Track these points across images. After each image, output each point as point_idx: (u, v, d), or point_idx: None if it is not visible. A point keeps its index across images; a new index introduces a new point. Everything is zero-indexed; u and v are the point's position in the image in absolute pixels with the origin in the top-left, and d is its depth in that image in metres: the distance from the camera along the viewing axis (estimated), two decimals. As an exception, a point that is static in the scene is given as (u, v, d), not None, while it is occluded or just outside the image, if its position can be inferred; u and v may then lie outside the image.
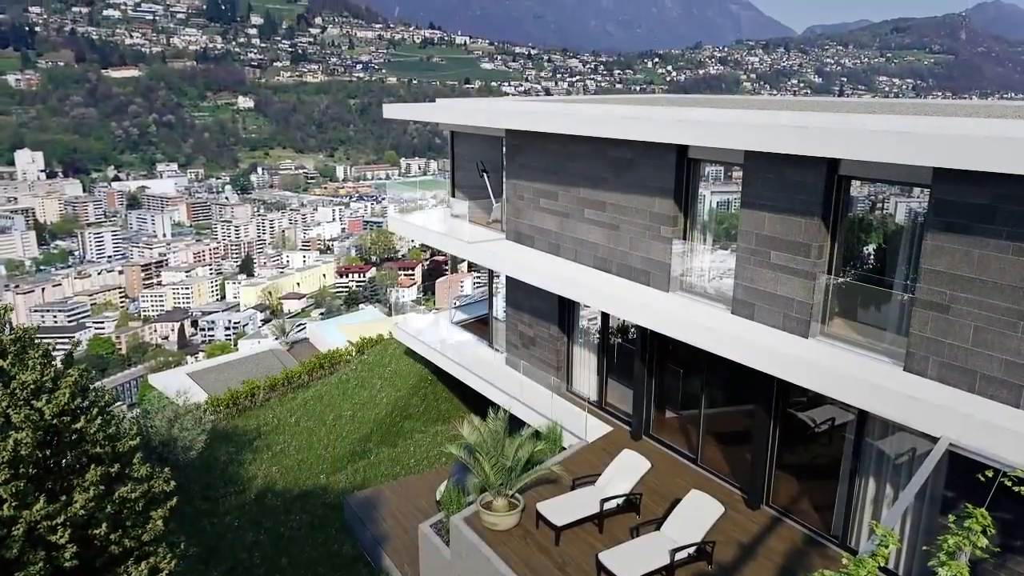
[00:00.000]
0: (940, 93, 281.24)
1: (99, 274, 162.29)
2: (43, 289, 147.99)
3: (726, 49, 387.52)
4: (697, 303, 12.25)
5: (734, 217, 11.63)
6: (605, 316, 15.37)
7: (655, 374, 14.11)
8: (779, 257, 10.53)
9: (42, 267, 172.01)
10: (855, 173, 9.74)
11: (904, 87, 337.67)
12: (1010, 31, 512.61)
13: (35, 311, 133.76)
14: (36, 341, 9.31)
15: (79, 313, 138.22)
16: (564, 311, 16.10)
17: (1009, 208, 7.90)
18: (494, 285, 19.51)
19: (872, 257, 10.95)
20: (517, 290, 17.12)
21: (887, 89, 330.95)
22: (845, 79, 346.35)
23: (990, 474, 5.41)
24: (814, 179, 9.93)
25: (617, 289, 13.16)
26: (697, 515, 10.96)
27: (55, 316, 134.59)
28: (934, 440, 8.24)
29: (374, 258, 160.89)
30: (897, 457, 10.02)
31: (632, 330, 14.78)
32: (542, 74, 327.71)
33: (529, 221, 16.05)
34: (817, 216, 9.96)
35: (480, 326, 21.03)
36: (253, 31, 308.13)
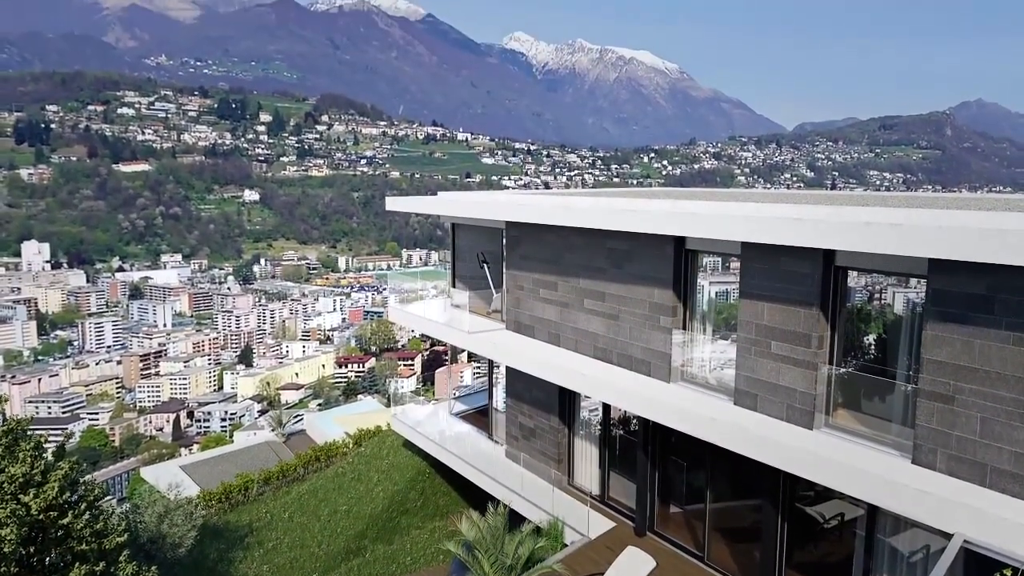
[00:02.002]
0: (930, 186, 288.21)
1: (97, 364, 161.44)
2: (39, 379, 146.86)
3: (720, 145, 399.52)
4: (699, 393, 12.14)
5: (733, 307, 11.68)
6: (606, 407, 15.19)
7: (658, 467, 13.81)
8: (780, 347, 10.51)
9: (40, 357, 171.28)
10: (851, 264, 9.85)
11: (895, 180, 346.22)
12: (993, 128, 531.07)
13: (30, 402, 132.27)
14: (28, 433, 9.16)
15: (74, 404, 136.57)
16: (565, 402, 15.92)
17: (1006, 298, 7.94)
18: (494, 375, 19.37)
19: (873, 347, 10.92)
20: (517, 380, 16.99)
21: (878, 183, 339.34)
22: (836, 173, 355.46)
23: (1009, 573, 5.21)
24: (811, 270, 10.03)
25: (618, 379, 13.06)
26: (706, 617, 10.48)
27: (49, 407, 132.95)
28: (948, 536, 7.98)
29: (374, 348, 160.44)
30: (911, 554, 9.68)
31: (634, 421, 14.57)
32: (541, 168, 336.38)
33: (529, 311, 16.11)
34: (815, 306, 10.01)
35: (480, 417, 20.74)
36: (262, 128, 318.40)
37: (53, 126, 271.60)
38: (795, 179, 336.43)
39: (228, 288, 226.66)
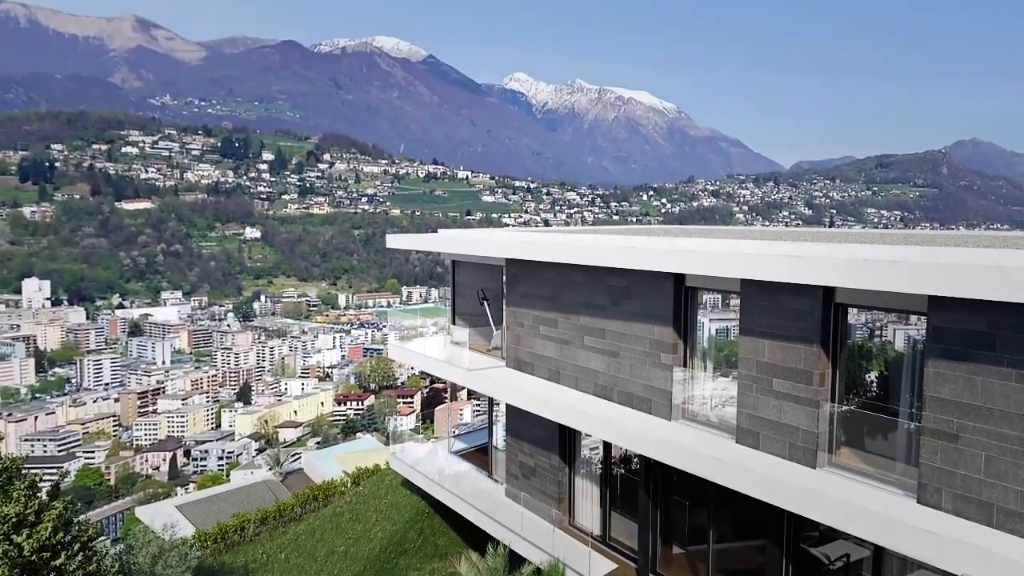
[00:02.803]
0: (927, 224, 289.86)
1: (94, 402, 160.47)
2: (36, 417, 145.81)
3: (718, 183, 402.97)
4: (700, 431, 12.03)
5: (734, 344, 11.65)
6: (607, 445, 15.05)
7: (660, 506, 13.62)
8: (781, 384, 10.45)
9: (38, 395, 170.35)
10: (851, 301, 9.85)
11: (892, 218, 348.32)
12: (988, 167, 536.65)
13: (26, 440, 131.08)
14: (23, 472, 9.07)
15: (70, 442, 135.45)
16: (565, 440, 15.78)
17: (1006, 335, 7.92)
18: (494, 413, 19.24)
19: (875, 384, 10.87)
20: (517, 418, 16.86)
21: (876, 220, 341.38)
22: (834, 211, 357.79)
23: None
24: (811, 307, 10.02)
25: (618, 417, 12.96)
26: (710, 663, 10.24)
27: (45, 445, 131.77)
28: (956, 578, 7.84)
29: (373, 385, 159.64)
30: (918, 597, 9.49)
31: (635, 460, 14.42)
32: (541, 206, 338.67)
33: (529, 348, 16.06)
34: (816, 343, 9.98)
35: (480, 456, 20.53)
36: (264, 166, 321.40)
37: (57, 164, 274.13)
38: (793, 217, 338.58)
39: (228, 325, 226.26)
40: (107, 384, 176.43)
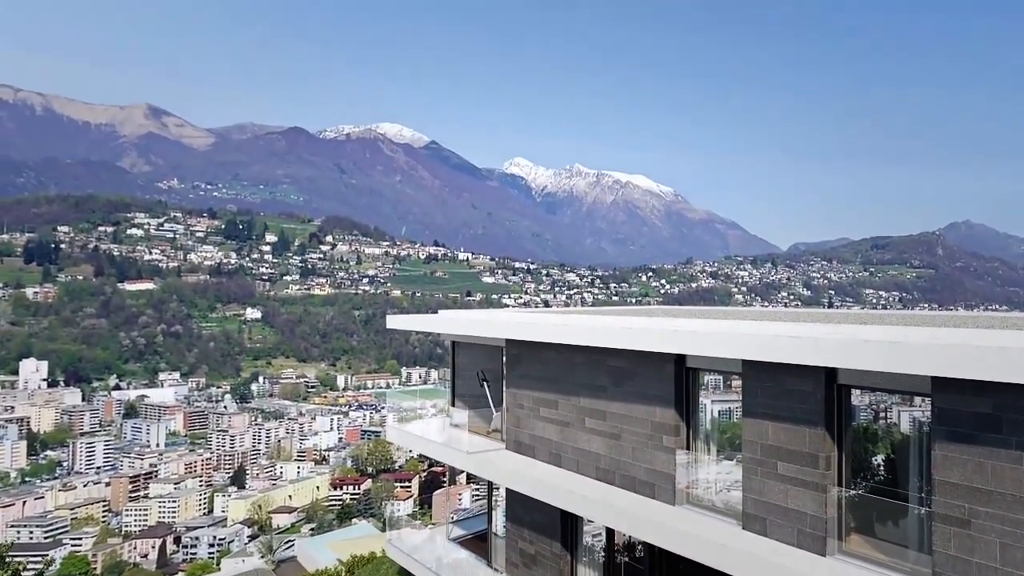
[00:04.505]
0: (926, 305, 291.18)
1: (84, 486, 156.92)
2: (24, 502, 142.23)
3: (716, 264, 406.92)
4: (705, 517, 11.71)
5: (736, 426, 11.49)
6: (610, 532, 14.63)
7: (666, 597, 13.12)
8: (786, 468, 10.24)
9: (28, 479, 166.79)
10: (854, 382, 9.77)
11: (890, 299, 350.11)
12: (982, 248, 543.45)
13: (12, 526, 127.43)
14: (7, 560, 8.78)
15: (57, 528, 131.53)
16: (567, 526, 15.34)
17: (1013, 417, 7.82)
18: (494, 498, 18.79)
19: (883, 468, 10.65)
20: (517, 503, 16.45)
21: (874, 301, 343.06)
22: (832, 292, 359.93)
23: None
24: (813, 388, 9.93)
25: (621, 502, 12.64)
26: None
27: (31, 532, 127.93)
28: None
29: (370, 469, 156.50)
30: None
31: (639, 547, 13.98)
32: (541, 287, 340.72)
33: (529, 430, 15.83)
34: (820, 425, 9.84)
35: (479, 543, 19.92)
36: (267, 248, 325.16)
37: (62, 246, 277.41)
38: (792, 297, 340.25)
39: (225, 407, 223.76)
40: (99, 467, 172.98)
